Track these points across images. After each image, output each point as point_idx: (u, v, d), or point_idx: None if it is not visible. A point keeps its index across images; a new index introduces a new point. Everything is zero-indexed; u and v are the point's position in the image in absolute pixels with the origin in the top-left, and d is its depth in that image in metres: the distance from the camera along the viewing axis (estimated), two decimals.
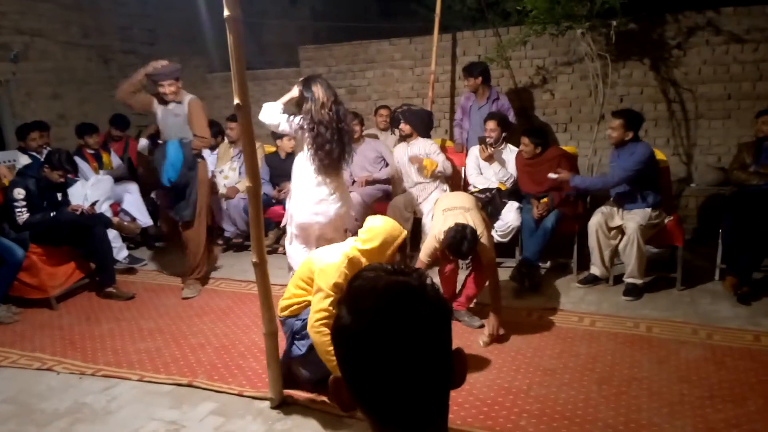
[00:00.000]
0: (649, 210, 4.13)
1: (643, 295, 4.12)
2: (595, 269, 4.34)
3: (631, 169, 4.08)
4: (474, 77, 5.20)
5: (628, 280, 4.14)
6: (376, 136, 5.67)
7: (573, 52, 5.57)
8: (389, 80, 6.44)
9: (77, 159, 5.14)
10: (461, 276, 3.90)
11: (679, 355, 3.23)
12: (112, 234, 4.94)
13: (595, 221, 4.24)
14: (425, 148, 5.03)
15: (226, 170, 5.79)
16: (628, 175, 4.10)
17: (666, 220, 4.22)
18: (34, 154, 4.88)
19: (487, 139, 4.79)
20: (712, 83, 5.23)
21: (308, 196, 3.69)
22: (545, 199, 4.42)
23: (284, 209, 4.25)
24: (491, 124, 4.82)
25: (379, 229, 2.88)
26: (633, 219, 4.10)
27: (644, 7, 5.11)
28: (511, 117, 5.18)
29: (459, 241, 3.26)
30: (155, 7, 7.02)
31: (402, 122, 5.08)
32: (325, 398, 2.90)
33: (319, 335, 2.67)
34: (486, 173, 4.90)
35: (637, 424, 2.62)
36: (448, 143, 5.67)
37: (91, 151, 5.54)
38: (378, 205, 5.23)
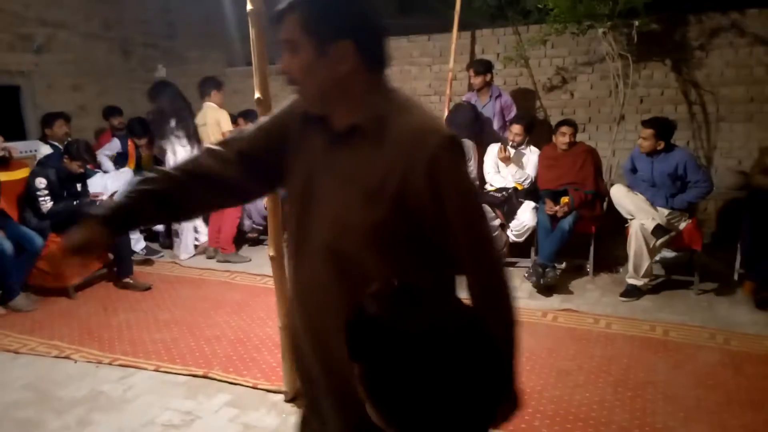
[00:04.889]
0: (666, 210, 4.12)
1: (643, 296, 4.10)
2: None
3: (704, 172, 4.24)
4: (483, 74, 5.19)
5: (628, 280, 4.13)
6: None
7: (593, 52, 5.51)
8: (407, 77, 6.42)
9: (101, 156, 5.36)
10: None
11: (695, 360, 3.20)
12: None
13: (637, 224, 4.07)
14: None
15: None
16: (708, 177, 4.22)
17: (684, 224, 4.18)
18: (56, 144, 4.94)
19: (510, 143, 4.78)
20: (735, 85, 5.16)
21: None
22: (566, 199, 4.39)
23: None
24: (517, 128, 4.78)
25: None
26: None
27: (667, 8, 5.05)
28: (514, 113, 5.19)
29: None
30: (176, 1, 7.06)
31: None
32: None
33: None
34: (503, 172, 4.88)
35: (652, 427, 2.60)
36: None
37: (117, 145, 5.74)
38: None
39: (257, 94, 2.62)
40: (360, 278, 1.13)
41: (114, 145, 5.88)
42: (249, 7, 2.51)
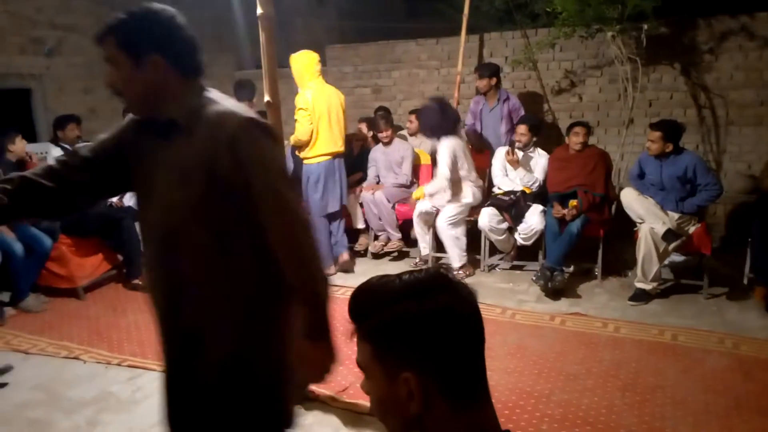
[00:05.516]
0: (676, 214, 4.10)
1: (652, 300, 4.08)
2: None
3: (714, 175, 4.24)
4: (488, 78, 5.18)
5: (636, 284, 4.11)
6: (405, 137, 5.68)
7: (602, 55, 5.51)
8: (415, 80, 6.44)
9: None
10: None
11: (704, 365, 3.19)
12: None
13: (647, 228, 4.07)
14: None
15: None
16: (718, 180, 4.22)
17: (693, 228, 4.16)
18: (67, 146, 4.98)
19: (517, 144, 4.77)
20: (744, 89, 5.14)
21: None
22: (574, 202, 4.38)
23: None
24: (522, 129, 4.77)
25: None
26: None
27: (676, 11, 5.04)
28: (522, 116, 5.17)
29: None
30: (186, 4, 7.11)
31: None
32: (345, 395, 2.92)
33: None
34: (511, 175, 4.88)
35: None
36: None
37: None
38: (400, 204, 5.24)
39: (267, 97, 2.64)
40: (195, 252, 1.37)
41: None
42: (259, 10, 2.53)
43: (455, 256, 4.74)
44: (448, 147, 4.65)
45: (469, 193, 4.81)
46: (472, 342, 0.89)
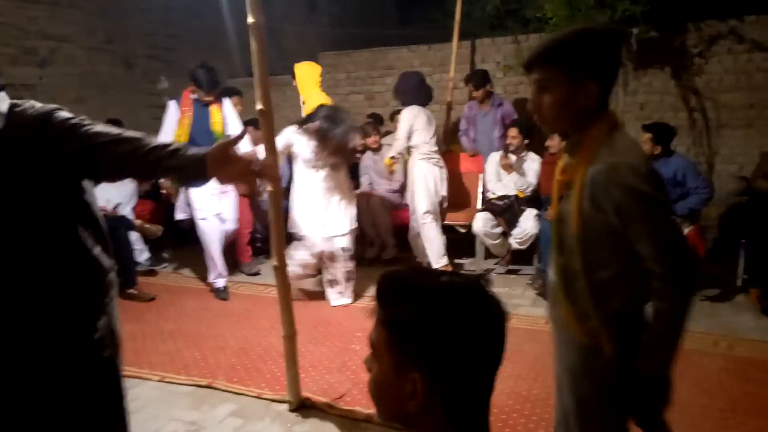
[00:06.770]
0: None
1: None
2: None
3: (704, 178, 4.27)
4: (483, 86, 5.21)
5: None
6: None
7: None
8: None
9: None
10: None
11: (700, 367, 3.19)
12: (134, 236, 5.01)
13: None
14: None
15: None
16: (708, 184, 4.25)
17: (686, 230, 4.18)
18: None
19: (509, 147, 4.79)
20: (735, 92, 5.18)
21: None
22: None
23: None
24: (513, 132, 4.80)
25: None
26: None
27: (666, 16, 5.09)
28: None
29: None
30: (178, 14, 7.13)
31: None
32: (342, 402, 2.92)
33: None
34: (505, 180, 4.90)
35: None
36: (455, 146, 5.66)
37: None
38: (394, 211, 5.25)
39: (259, 106, 2.64)
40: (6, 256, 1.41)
41: (170, 117, 4.64)
42: (250, 19, 2.53)
43: (433, 258, 4.70)
44: (408, 113, 4.69)
45: (428, 173, 4.72)
46: (490, 363, 0.86)
